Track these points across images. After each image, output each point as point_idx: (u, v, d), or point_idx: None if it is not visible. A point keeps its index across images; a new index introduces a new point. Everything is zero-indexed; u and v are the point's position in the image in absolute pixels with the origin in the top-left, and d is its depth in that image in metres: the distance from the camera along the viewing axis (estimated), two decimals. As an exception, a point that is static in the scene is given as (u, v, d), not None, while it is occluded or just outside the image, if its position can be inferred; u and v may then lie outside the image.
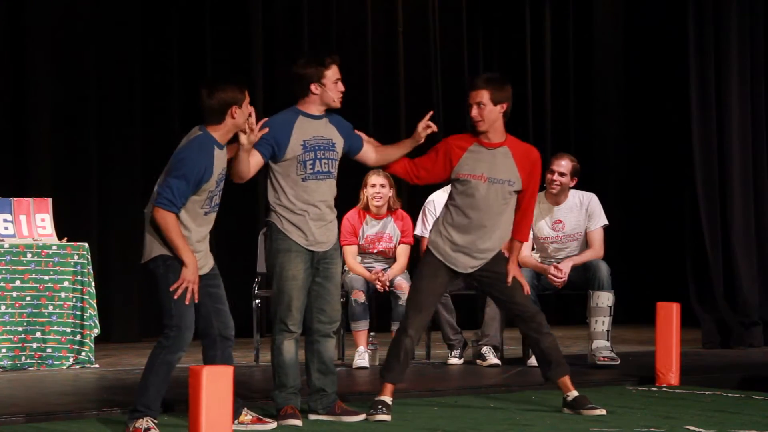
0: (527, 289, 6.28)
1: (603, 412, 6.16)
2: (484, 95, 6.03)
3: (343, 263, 7.84)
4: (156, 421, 5.48)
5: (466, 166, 6.07)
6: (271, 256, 5.91)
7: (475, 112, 6.05)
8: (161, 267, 5.48)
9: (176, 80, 10.25)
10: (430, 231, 6.25)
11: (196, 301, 5.49)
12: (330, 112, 6.00)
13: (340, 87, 5.92)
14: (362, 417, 6.02)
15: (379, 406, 6.03)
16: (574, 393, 6.26)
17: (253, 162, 5.81)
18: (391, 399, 6.10)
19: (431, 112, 6.23)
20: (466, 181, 6.06)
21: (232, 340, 5.71)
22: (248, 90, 5.60)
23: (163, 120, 10.17)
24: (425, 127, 6.11)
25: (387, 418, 5.99)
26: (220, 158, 5.55)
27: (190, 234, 5.52)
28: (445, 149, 6.12)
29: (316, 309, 5.98)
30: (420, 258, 8.12)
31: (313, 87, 5.88)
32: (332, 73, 5.89)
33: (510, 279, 6.15)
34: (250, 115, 5.62)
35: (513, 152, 6.11)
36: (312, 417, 6.01)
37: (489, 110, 6.04)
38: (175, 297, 5.42)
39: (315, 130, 5.90)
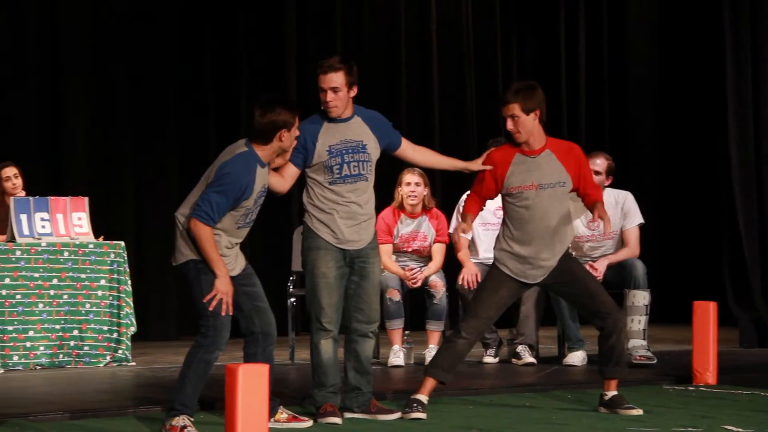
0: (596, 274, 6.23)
1: (640, 412, 6.14)
2: (515, 108, 6.05)
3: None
4: (192, 419, 5.52)
5: (515, 179, 6.10)
6: (303, 255, 5.98)
7: (510, 125, 6.08)
8: (192, 270, 5.55)
9: (211, 80, 10.31)
10: (494, 248, 6.27)
11: (231, 313, 5.54)
12: (366, 110, 6.02)
13: (324, 96, 5.90)
14: (397, 415, 6.03)
15: (415, 405, 6.04)
16: (613, 392, 6.26)
17: (288, 174, 5.90)
18: (427, 398, 6.11)
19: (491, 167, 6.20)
20: (519, 194, 6.10)
21: (273, 337, 5.75)
22: (299, 114, 5.67)
23: (198, 119, 10.24)
24: (483, 163, 6.17)
25: (422, 416, 5.99)
26: (262, 176, 5.61)
27: (220, 239, 5.57)
28: (492, 166, 6.15)
29: (353, 308, 6.00)
30: (456, 257, 8.20)
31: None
32: (318, 81, 5.92)
33: (600, 211, 6.00)
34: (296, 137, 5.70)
35: (556, 154, 6.14)
36: (347, 415, 6.02)
37: (523, 121, 6.06)
38: (210, 308, 5.47)
39: (342, 134, 5.93)
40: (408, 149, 6.16)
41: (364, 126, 6.00)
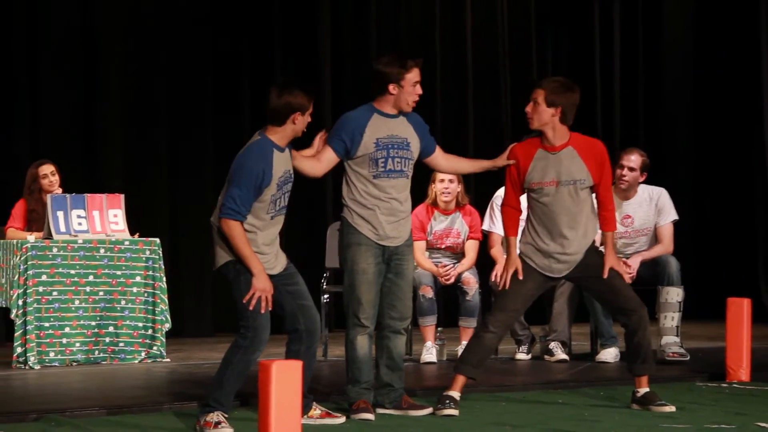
0: (627, 277, 6.27)
1: (672, 408, 6.15)
2: (540, 94, 6.09)
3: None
4: (226, 416, 5.56)
5: (535, 174, 6.13)
6: (343, 251, 5.99)
7: (528, 108, 6.13)
8: (231, 272, 5.60)
9: (246, 79, 10.39)
10: (519, 241, 6.29)
11: (270, 309, 5.58)
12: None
13: (418, 90, 5.96)
14: (428, 411, 6.07)
15: (447, 401, 6.08)
16: (644, 389, 6.27)
17: (326, 158, 5.93)
18: (460, 394, 6.14)
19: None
20: (539, 189, 6.13)
21: (317, 335, 5.79)
22: (314, 100, 5.70)
23: (232, 117, 10.31)
24: (507, 158, 6.21)
25: (454, 413, 6.03)
26: (281, 161, 5.63)
27: (257, 237, 5.60)
28: (515, 160, 6.19)
29: (387, 305, 6.03)
30: (489, 254, 8.21)
31: (391, 87, 5.94)
32: (412, 76, 5.93)
33: (606, 271, 6.15)
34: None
35: (578, 150, 6.15)
36: (379, 411, 6.07)
37: (541, 110, 6.09)
38: (250, 308, 5.51)
39: (389, 128, 5.96)
40: (439, 157, 6.23)
41: (409, 125, 6.05)
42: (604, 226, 6.29)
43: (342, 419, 5.84)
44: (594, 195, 6.25)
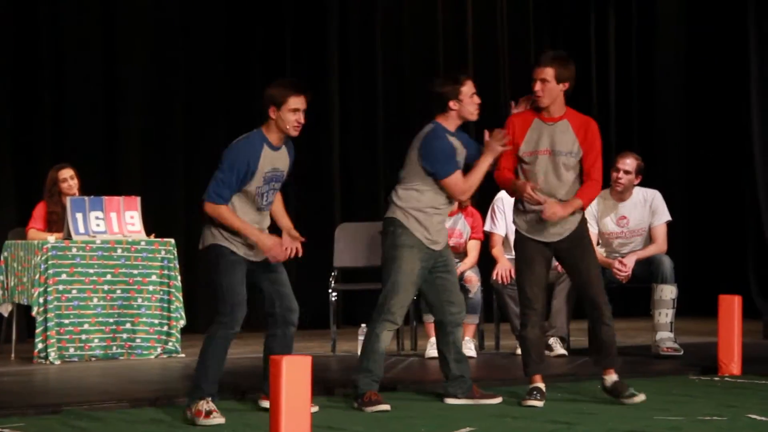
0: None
1: (642, 397, 6.22)
2: (549, 72, 6.13)
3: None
4: (213, 404, 5.64)
5: (530, 143, 6.20)
6: (392, 250, 6.13)
7: (538, 87, 6.15)
8: (212, 254, 5.76)
9: (258, 83, 10.48)
10: (513, 216, 6.37)
11: (300, 255, 5.75)
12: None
13: (476, 99, 6.19)
14: (499, 400, 6.28)
15: (534, 392, 6.24)
16: (612, 378, 6.34)
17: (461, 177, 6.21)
18: (544, 385, 6.29)
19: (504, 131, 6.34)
20: (533, 158, 6.19)
21: (293, 325, 5.90)
22: (302, 98, 5.73)
23: (246, 121, 10.34)
24: (500, 138, 6.25)
25: (539, 404, 6.18)
26: (269, 157, 5.76)
27: None
28: (512, 129, 6.25)
29: (445, 302, 6.24)
30: (490, 253, 8.37)
31: (451, 104, 6.16)
32: (467, 88, 6.16)
33: (546, 210, 6.08)
34: None
35: (572, 124, 6.22)
36: (450, 401, 6.26)
37: (551, 87, 6.14)
38: (279, 260, 5.70)
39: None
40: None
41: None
42: (580, 194, 6.18)
43: (315, 408, 5.78)
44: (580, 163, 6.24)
